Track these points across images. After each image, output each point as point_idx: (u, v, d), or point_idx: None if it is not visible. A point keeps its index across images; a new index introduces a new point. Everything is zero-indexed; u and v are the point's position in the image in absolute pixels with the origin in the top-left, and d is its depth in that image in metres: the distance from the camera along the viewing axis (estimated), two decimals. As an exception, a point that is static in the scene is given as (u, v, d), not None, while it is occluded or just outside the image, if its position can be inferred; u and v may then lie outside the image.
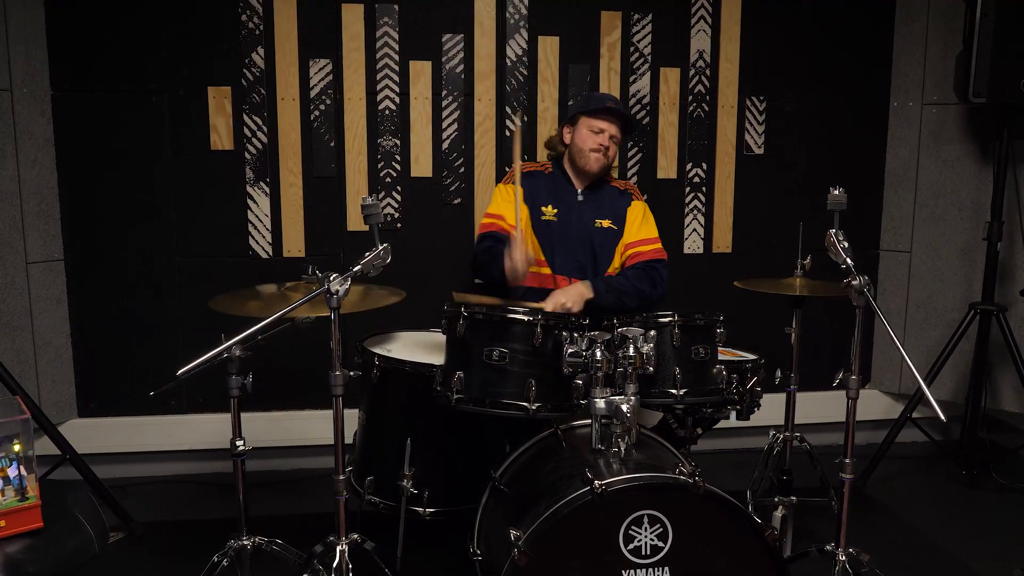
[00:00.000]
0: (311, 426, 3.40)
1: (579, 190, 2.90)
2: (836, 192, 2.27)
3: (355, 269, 1.97)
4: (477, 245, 2.87)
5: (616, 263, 2.90)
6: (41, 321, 3.20)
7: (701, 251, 3.65)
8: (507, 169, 3.12)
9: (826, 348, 3.63)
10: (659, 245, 2.92)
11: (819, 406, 3.27)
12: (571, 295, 2.65)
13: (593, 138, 2.82)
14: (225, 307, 2.28)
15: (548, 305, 2.56)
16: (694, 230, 3.63)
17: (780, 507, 2.69)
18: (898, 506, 3.20)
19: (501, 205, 2.88)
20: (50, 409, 3.19)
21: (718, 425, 2.72)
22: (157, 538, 2.88)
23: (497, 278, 2.70)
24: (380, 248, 2.01)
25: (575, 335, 2.07)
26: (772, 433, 2.78)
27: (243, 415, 2.29)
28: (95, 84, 3.19)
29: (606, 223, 2.87)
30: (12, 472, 1.71)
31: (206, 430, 3.35)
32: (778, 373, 2.70)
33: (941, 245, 3.64)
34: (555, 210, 2.86)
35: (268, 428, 3.37)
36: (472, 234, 3.32)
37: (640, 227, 2.91)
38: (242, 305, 2.33)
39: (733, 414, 2.49)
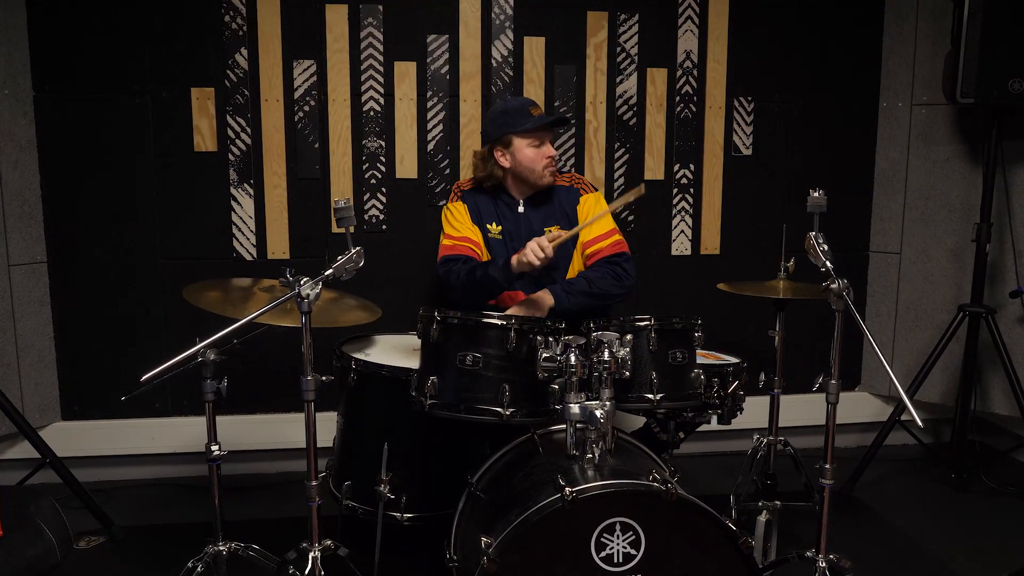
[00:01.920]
0: (295, 429, 3.35)
1: (520, 201, 2.81)
2: (816, 194, 2.25)
3: (327, 273, 1.95)
4: (445, 268, 2.73)
5: (578, 264, 2.82)
6: (24, 324, 3.19)
7: (689, 253, 3.62)
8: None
9: (813, 351, 3.60)
10: (618, 236, 2.79)
11: (804, 409, 3.23)
12: (536, 308, 2.60)
13: (540, 153, 2.71)
14: (197, 297, 2.27)
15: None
16: (682, 231, 3.61)
17: (764, 512, 2.66)
18: (886, 510, 3.17)
19: (461, 226, 2.79)
20: (33, 412, 3.18)
21: (702, 428, 2.71)
22: (137, 542, 2.86)
23: (481, 299, 2.68)
24: (353, 252, 1.98)
25: (549, 340, 2.05)
26: (756, 437, 2.76)
27: (227, 417, 2.29)
28: (78, 85, 3.17)
29: (555, 229, 2.75)
30: (-27, 480, 1.69)
31: (191, 433, 3.33)
32: (762, 376, 2.68)
33: (930, 246, 3.62)
34: (499, 227, 2.79)
35: (252, 431, 3.35)
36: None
37: (595, 222, 2.77)
38: (215, 298, 2.32)
39: (714, 418, 2.47)
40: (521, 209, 2.81)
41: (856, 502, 3.24)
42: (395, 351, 2.58)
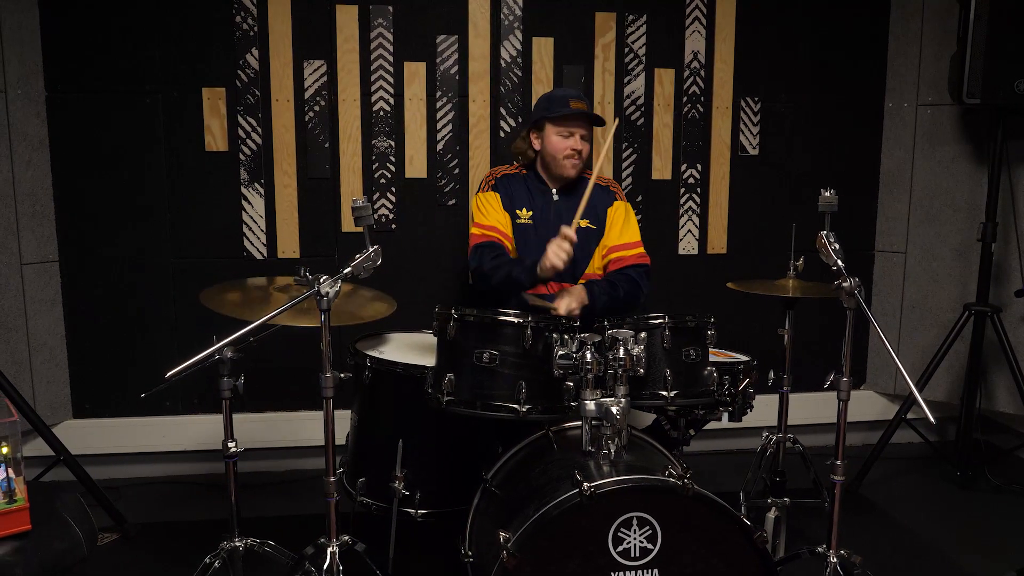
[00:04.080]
0: (305, 427, 3.40)
1: (554, 190, 2.85)
2: (827, 194, 2.27)
3: (345, 271, 1.97)
4: (476, 258, 2.76)
5: (597, 263, 2.85)
6: (36, 322, 3.21)
7: (696, 252, 3.65)
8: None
9: (820, 349, 3.63)
10: (641, 249, 2.83)
11: (813, 407, 3.27)
12: (575, 298, 2.60)
13: (564, 143, 2.74)
14: (214, 301, 2.29)
15: (561, 308, 2.53)
16: (689, 231, 3.63)
17: (773, 508, 2.69)
18: (892, 507, 3.20)
19: (490, 214, 2.82)
20: (45, 410, 3.19)
21: (711, 426, 2.73)
22: (150, 539, 2.88)
23: (506, 291, 2.69)
24: (371, 250, 2.01)
25: (565, 337, 2.07)
26: (765, 434, 2.78)
27: (236, 416, 2.30)
28: (90, 85, 3.19)
29: (584, 223, 2.78)
30: (0, 475, 1.72)
31: (200, 431, 3.35)
32: (771, 374, 2.70)
33: (936, 246, 3.64)
34: (530, 212, 2.82)
35: (262, 429, 3.37)
36: (466, 235, 3.32)
37: (622, 230, 2.82)
38: (231, 298, 2.34)
39: (725, 416, 2.49)
40: (556, 197, 2.84)
41: (862, 499, 3.27)
42: (409, 349, 2.60)
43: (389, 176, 3.40)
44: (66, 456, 2.86)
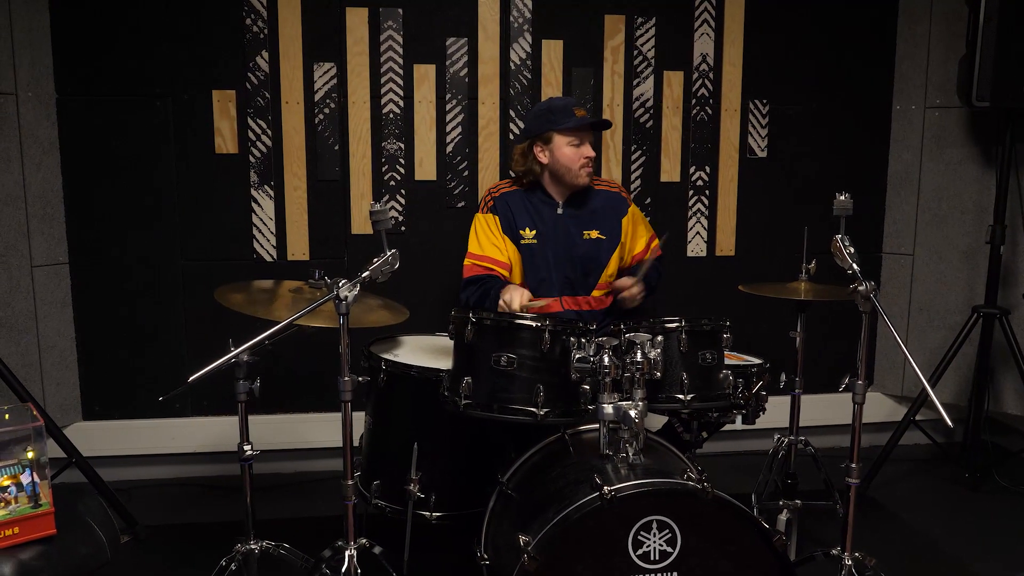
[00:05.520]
0: (315, 429, 3.40)
1: (560, 203, 2.84)
2: (842, 198, 2.28)
3: (363, 275, 1.98)
4: (466, 292, 2.78)
5: (612, 270, 2.88)
6: (46, 324, 3.21)
7: (704, 254, 3.65)
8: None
9: (830, 351, 3.63)
10: (656, 243, 2.98)
11: (823, 409, 3.28)
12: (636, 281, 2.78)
13: (577, 152, 2.74)
14: (228, 299, 2.29)
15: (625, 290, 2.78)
16: (697, 233, 3.64)
17: (785, 510, 2.69)
18: (901, 508, 3.21)
19: (484, 243, 2.80)
20: (55, 412, 3.20)
21: (723, 428, 2.73)
22: (163, 541, 2.88)
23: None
24: (388, 254, 2.01)
25: (583, 341, 2.08)
26: (777, 437, 2.79)
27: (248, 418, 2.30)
28: (100, 88, 3.19)
29: (594, 234, 2.82)
30: (25, 479, 1.72)
31: (211, 433, 3.36)
32: (783, 376, 2.71)
33: (944, 248, 3.65)
34: (534, 231, 2.81)
35: (272, 431, 3.36)
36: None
37: (637, 237, 2.98)
38: (246, 299, 2.34)
39: (739, 418, 2.50)
40: (560, 211, 2.83)
41: (871, 501, 3.27)
42: (422, 352, 2.60)
43: (399, 179, 3.40)
44: (78, 459, 2.86)
